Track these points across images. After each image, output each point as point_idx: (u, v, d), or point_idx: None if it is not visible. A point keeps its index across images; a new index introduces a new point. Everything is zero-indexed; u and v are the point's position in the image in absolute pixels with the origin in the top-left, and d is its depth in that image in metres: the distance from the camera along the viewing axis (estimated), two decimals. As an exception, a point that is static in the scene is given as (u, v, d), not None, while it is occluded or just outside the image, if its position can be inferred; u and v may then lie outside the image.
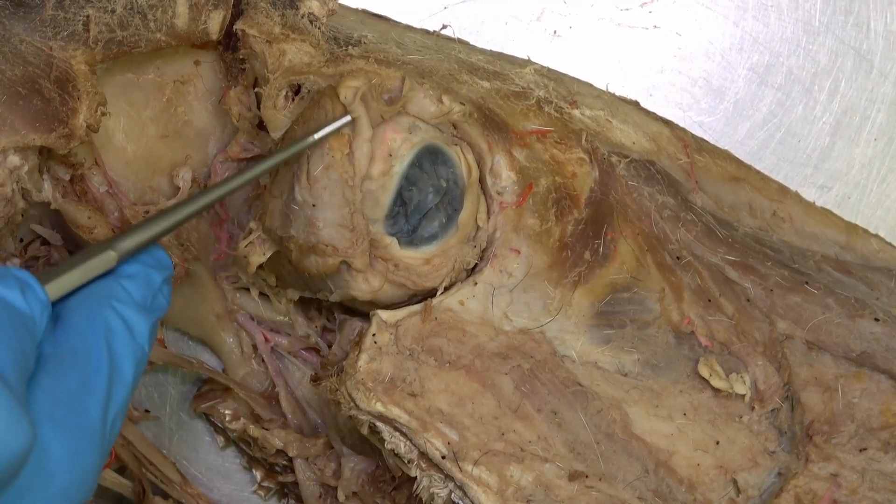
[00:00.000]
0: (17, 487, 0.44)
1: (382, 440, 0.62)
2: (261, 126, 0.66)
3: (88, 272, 0.52)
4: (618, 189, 0.66)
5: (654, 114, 0.71)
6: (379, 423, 0.61)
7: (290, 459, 0.71)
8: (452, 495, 0.62)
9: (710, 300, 0.66)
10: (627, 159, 0.67)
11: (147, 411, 0.75)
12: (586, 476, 0.62)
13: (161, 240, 0.68)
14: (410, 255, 0.62)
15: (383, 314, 0.62)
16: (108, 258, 0.52)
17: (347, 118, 0.59)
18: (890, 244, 0.71)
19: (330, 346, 0.70)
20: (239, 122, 0.67)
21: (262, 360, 0.72)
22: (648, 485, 0.63)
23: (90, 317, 0.50)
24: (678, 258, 0.66)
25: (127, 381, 0.50)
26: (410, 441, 0.61)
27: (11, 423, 0.42)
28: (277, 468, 0.74)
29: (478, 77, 0.66)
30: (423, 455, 0.61)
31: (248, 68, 0.65)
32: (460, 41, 0.71)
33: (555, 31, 0.79)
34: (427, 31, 0.71)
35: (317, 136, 0.58)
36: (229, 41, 0.66)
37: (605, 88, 0.72)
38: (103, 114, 0.62)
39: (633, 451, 0.63)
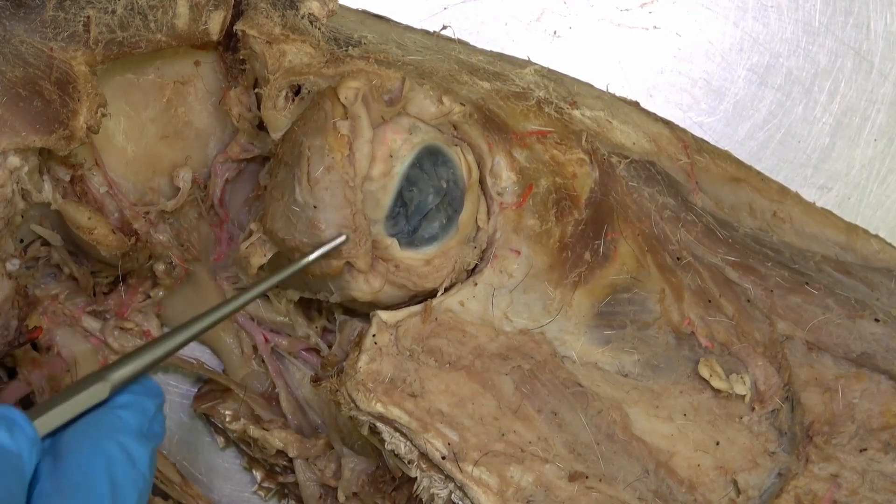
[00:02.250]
0: None
1: (382, 441, 0.62)
2: (261, 126, 0.66)
3: (81, 404, 0.52)
4: (618, 190, 0.66)
5: (654, 114, 0.71)
6: (379, 424, 0.61)
7: (291, 460, 0.71)
8: (452, 496, 0.62)
9: (710, 301, 0.66)
10: (628, 160, 0.67)
11: (147, 412, 0.75)
12: (586, 477, 0.62)
13: (160, 241, 0.69)
14: (411, 256, 0.62)
15: (383, 315, 0.62)
16: (100, 389, 0.52)
17: (342, 238, 0.59)
18: (890, 245, 0.71)
19: (330, 347, 0.70)
20: (239, 123, 0.67)
21: (263, 361, 0.72)
22: (649, 485, 0.63)
23: (91, 449, 0.50)
24: (678, 259, 0.66)
25: None
26: (410, 442, 0.61)
27: None
28: (277, 469, 0.74)
29: (478, 78, 0.66)
30: (424, 456, 0.61)
31: (248, 69, 0.65)
32: (460, 42, 0.71)
33: (555, 32, 0.79)
34: (427, 32, 0.71)
35: (311, 256, 0.59)
36: (229, 42, 0.66)
37: (605, 89, 0.72)
38: (103, 115, 0.62)
39: (633, 451, 0.63)
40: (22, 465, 0.48)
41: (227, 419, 0.72)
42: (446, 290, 0.63)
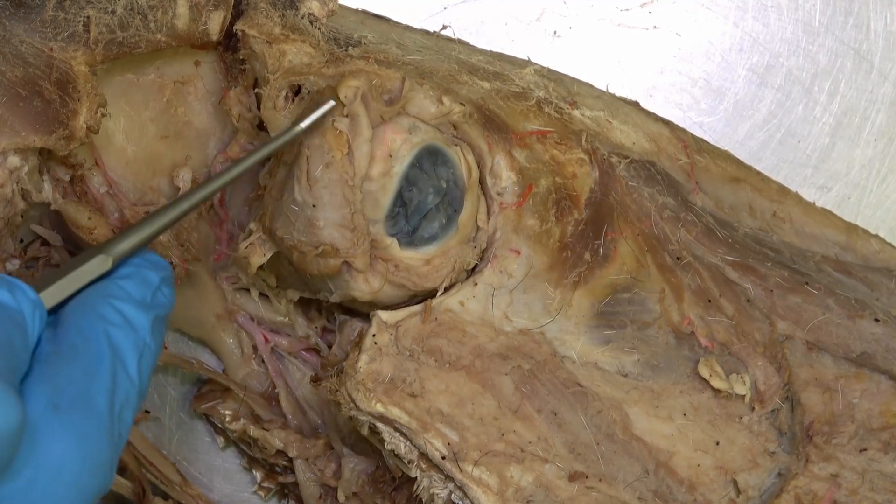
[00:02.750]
0: (25, 478, 0.44)
1: (382, 441, 0.62)
2: (261, 127, 0.66)
3: (83, 277, 0.52)
4: (618, 189, 0.66)
5: (654, 114, 0.71)
6: (379, 424, 0.61)
7: (291, 460, 0.71)
8: (452, 496, 0.62)
9: (710, 301, 0.66)
10: (627, 160, 0.67)
11: (147, 412, 0.75)
12: (586, 477, 0.62)
13: (160, 241, 0.69)
14: (410, 256, 0.62)
15: (383, 315, 0.62)
16: (102, 262, 0.53)
17: (331, 103, 0.59)
18: (890, 245, 0.71)
19: (330, 347, 0.70)
20: (239, 123, 0.67)
21: (263, 361, 0.72)
22: (648, 485, 0.63)
23: (87, 314, 0.50)
24: (678, 259, 0.66)
25: (132, 372, 0.50)
26: (410, 442, 0.61)
27: None
28: (277, 469, 0.74)
29: (478, 78, 0.66)
30: (424, 456, 0.61)
31: (248, 69, 0.65)
32: (460, 42, 0.71)
33: (555, 32, 0.79)
34: (427, 32, 0.71)
35: (303, 123, 0.58)
36: (229, 42, 0.66)
37: (605, 89, 0.72)
38: (103, 115, 0.62)
39: (633, 451, 0.63)
40: (24, 322, 0.48)
41: (227, 419, 0.72)
42: (446, 289, 0.63)
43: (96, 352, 0.49)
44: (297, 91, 0.62)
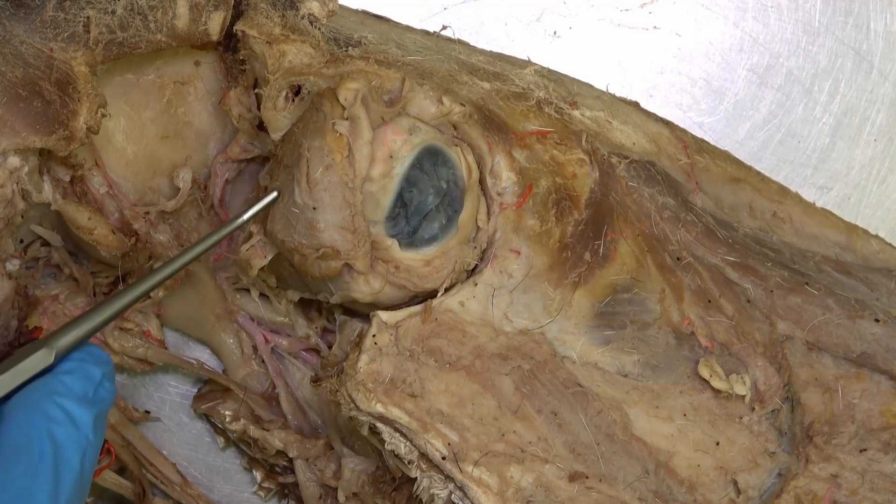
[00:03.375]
0: None
1: (383, 441, 0.62)
2: (261, 127, 0.66)
3: (25, 372, 0.53)
4: (618, 190, 0.66)
5: (654, 114, 0.71)
6: (379, 424, 0.61)
7: (291, 460, 0.71)
8: (452, 496, 0.62)
9: (710, 301, 0.66)
10: (628, 160, 0.67)
11: (147, 412, 0.75)
12: (586, 477, 0.62)
13: (161, 241, 0.69)
14: (411, 257, 0.62)
15: (383, 315, 0.62)
16: (44, 356, 0.53)
17: (274, 195, 0.60)
18: (890, 245, 0.71)
19: (330, 347, 0.70)
20: (239, 123, 0.67)
21: (263, 361, 0.72)
22: (649, 485, 0.63)
23: (30, 411, 0.51)
24: (678, 259, 0.66)
25: (74, 469, 0.51)
26: (410, 442, 0.61)
27: None
28: (278, 469, 0.74)
29: (478, 78, 0.66)
30: (424, 456, 0.61)
31: (248, 69, 0.65)
32: (460, 42, 0.71)
33: (555, 32, 0.79)
34: (427, 32, 0.71)
35: (246, 215, 0.60)
36: (229, 42, 0.66)
37: (605, 89, 0.72)
38: (103, 115, 0.62)
39: (633, 451, 0.63)
40: None
41: (227, 419, 0.72)
42: (446, 290, 0.63)
43: (38, 451, 0.50)
44: (297, 91, 0.62)
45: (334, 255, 0.60)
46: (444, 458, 0.61)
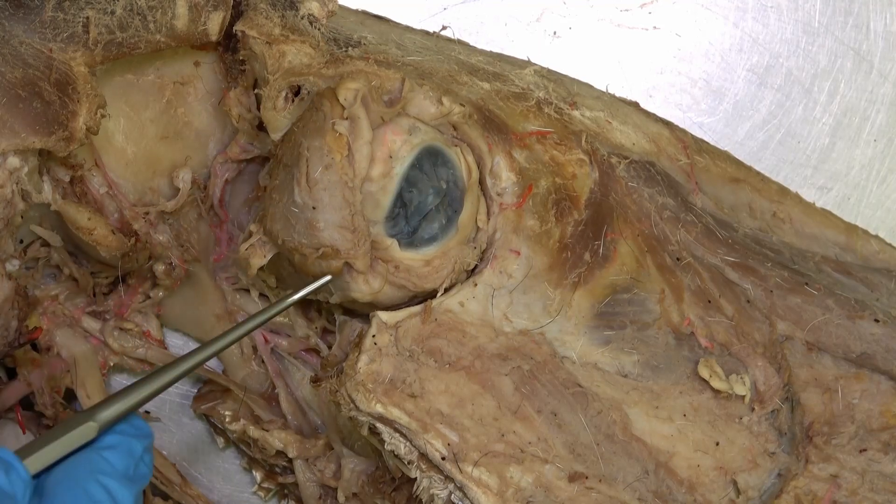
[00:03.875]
0: None
1: (382, 441, 0.62)
2: (261, 127, 0.66)
3: (69, 444, 0.52)
4: (618, 190, 0.66)
5: (653, 115, 0.71)
6: (379, 425, 0.61)
7: (290, 460, 0.71)
8: (452, 496, 0.62)
9: (710, 301, 0.66)
10: (627, 160, 0.67)
11: (147, 412, 0.75)
12: (586, 477, 0.62)
13: (160, 241, 0.69)
14: (410, 257, 0.62)
15: (383, 315, 0.62)
16: (88, 429, 0.53)
17: (328, 277, 0.60)
18: (890, 245, 0.70)
19: (330, 348, 0.70)
20: (239, 124, 0.67)
21: (262, 362, 0.72)
22: (648, 486, 0.63)
23: (74, 489, 0.51)
24: (678, 259, 0.66)
25: None
26: (410, 442, 0.61)
27: None
28: (277, 469, 0.74)
29: (478, 78, 0.66)
30: (423, 456, 0.61)
31: (247, 69, 0.65)
32: (460, 42, 0.71)
33: (554, 32, 0.79)
34: (427, 32, 0.71)
35: (296, 296, 0.60)
36: (229, 42, 0.66)
37: (604, 89, 0.72)
38: (103, 116, 0.62)
39: (633, 452, 0.63)
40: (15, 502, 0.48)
41: (227, 420, 0.72)
42: (446, 290, 0.63)
43: None
44: (296, 92, 0.62)
45: (334, 255, 0.60)
46: (443, 459, 0.61)
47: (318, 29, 0.64)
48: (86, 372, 0.69)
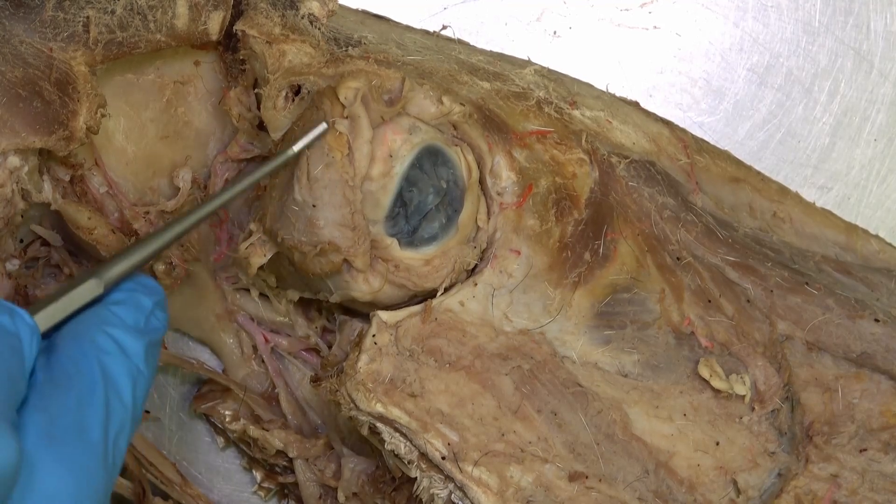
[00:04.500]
0: None
1: (382, 441, 0.62)
2: (261, 127, 0.66)
3: (75, 301, 0.52)
4: (618, 190, 0.66)
5: (654, 114, 0.71)
6: (379, 424, 0.61)
7: (291, 460, 0.71)
8: (452, 496, 0.62)
9: (710, 301, 0.66)
10: (627, 160, 0.67)
11: (147, 412, 0.75)
12: (586, 477, 0.62)
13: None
14: (410, 256, 0.62)
15: (383, 315, 0.62)
16: (94, 286, 0.52)
17: (324, 125, 0.59)
18: (890, 245, 0.70)
19: (330, 347, 0.70)
20: (239, 123, 0.67)
21: (262, 361, 0.72)
22: (648, 485, 0.63)
23: (80, 341, 0.50)
24: (678, 259, 0.66)
25: (126, 400, 0.50)
26: (410, 442, 0.61)
27: None
28: (277, 469, 0.74)
29: (478, 78, 0.66)
30: (423, 456, 0.61)
31: (248, 69, 0.65)
32: (460, 42, 0.71)
33: (555, 32, 0.79)
34: (427, 32, 0.71)
35: (296, 146, 0.58)
36: (229, 42, 0.66)
37: (605, 89, 0.72)
38: (103, 115, 0.62)
39: (633, 451, 0.63)
40: (21, 347, 0.48)
41: (227, 419, 0.72)
42: (446, 290, 0.63)
43: (90, 380, 0.49)
44: (297, 91, 0.62)
45: (334, 251, 0.60)
46: (443, 458, 0.61)
47: (319, 28, 0.64)
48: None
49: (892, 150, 0.80)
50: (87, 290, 0.52)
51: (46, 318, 0.51)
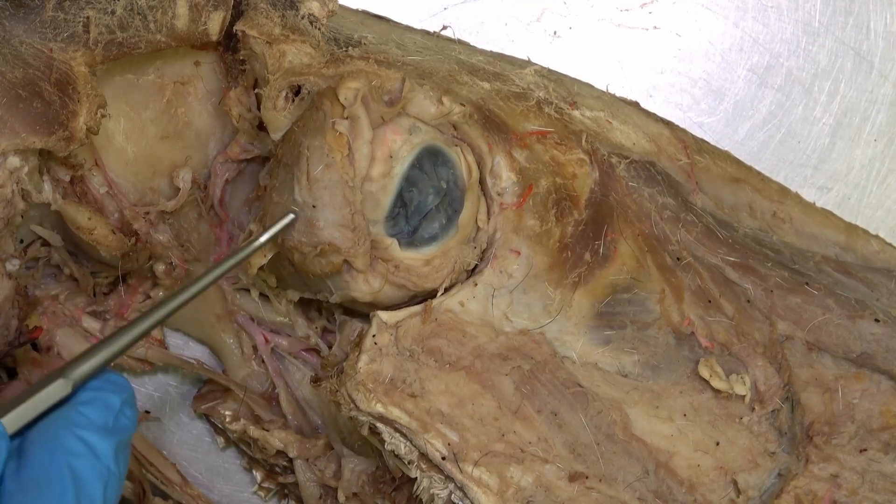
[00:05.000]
0: None
1: (383, 441, 0.62)
2: (261, 127, 0.66)
3: (43, 402, 0.52)
4: (618, 190, 0.66)
5: (654, 115, 0.71)
6: (379, 424, 0.61)
7: (291, 460, 0.71)
8: (452, 496, 0.62)
9: (710, 301, 0.66)
10: (628, 160, 0.67)
11: (147, 412, 0.75)
12: (586, 477, 0.62)
13: (161, 241, 0.69)
14: (411, 257, 0.62)
15: (383, 315, 0.62)
16: (62, 386, 0.52)
17: (290, 217, 0.59)
18: (890, 245, 0.70)
19: (330, 347, 0.70)
20: (239, 123, 0.67)
21: (263, 361, 0.72)
22: (649, 486, 0.63)
23: (50, 445, 0.50)
24: (678, 259, 0.66)
25: (96, 501, 0.50)
26: (410, 442, 0.61)
27: None
28: (278, 469, 0.74)
29: (478, 78, 0.66)
30: (424, 456, 0.61)
31: (248, 69, 0.65)
32: (460, 42, 0.71)
33: (555, 32, 0.79)
34: (427, 32, 0.71)
35: (262, 238, 0.59)
36: (229, 42, 0.66)
37: (605, 89, 0.72)
38: (103, 116, 0.62)
39: (633, 451, 0.63)
40: None
41: (227, 419, 0.72)
42: (446, 290, 0.63)
43: (59, 486, 0.49)
44: (297, 91, 0.62)
45: (334, 251, 0.60)
46: (444, 458, 0.61)
47: (319, 29, 0.64)
48: (86, 372, 0.69)
49: (892, 150, 0.80)
50: (55, 390, 0.52)
51: (15, 419, 0.51)
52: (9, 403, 0.51)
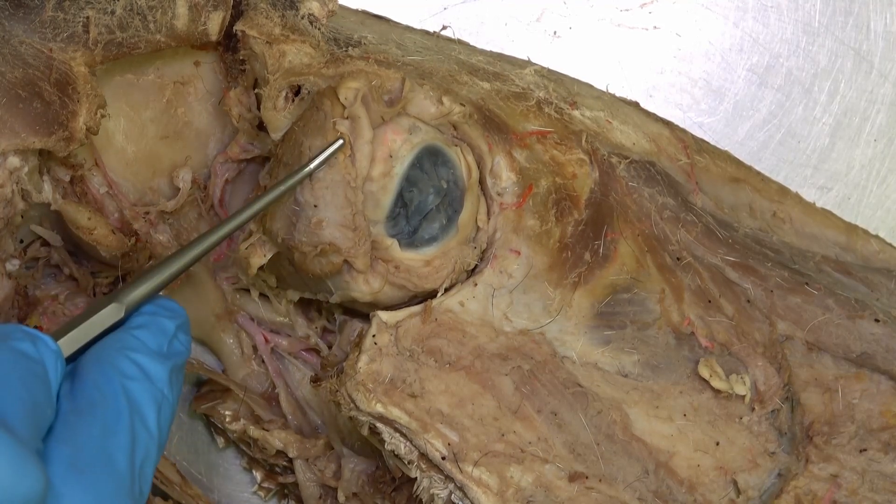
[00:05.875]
0: None
1: (382, 441, 0.62)
2: (261, 127, 0.66)
3: (96, 326, 0.52)
4: (618, 190, 0.66)
5: (654, 115, 0.71)
6: (379, 424, 0.61)
7: (291, 460, 0.71)
8: (452, 496, 0.62)
9: (710, 301, 0.66)
10: (628, 160, 0.67)
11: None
12: (586, 477, 0.62)
13: (160, 242, 0.68)
14: (411, 257, 0.62)
15: (383, 315, 0.62)
16: (115, 311, 0.52)
17: (340, 142, 0.59)
18: (890, 245, 0.71)
19: (330, 347, 0.70)
20: (239, 123, 0.67)
21: (262, 361, 0.72)
22: (649, 486, 0.63)
23: (104, 368, 0.50)
24: (678, 259, 0.66)
25: (151, 426, 0.50)
26: (410, 442, 0.61)
27: (17, 467, 0.41)
28: (277, 469, 0.74)
29: (478, 78, 0.66)
30: (424, 456, 0.61)
31: (248, 69, 0.65)
32: (460, 42, 0.71)
33: (555, 32, 0.79)
34: (427, 32, 0.71)
35: (312, 164, 0.58)
36: (229, 42, 0.66)
37: (605, 89, 0.72)
38: (103, 116, 0.62)
39: (633, 451, 0.63)
40: (46, 374, 0.47)
41: (227, 419, 0.72)
42: (446, 290, 0.63)
43: (114, 408, 0.49)
44: (297, 91, 0.62)
45: (334, 251, 0.60)
46: (443, 458, 0.61)
47: (319, 29, 0.64)
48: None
49: (892, 150, 0.80)
50: (108, 314, 0.52)
51: (69, 343, 0.51)
52: (63, 327, 0.51)
